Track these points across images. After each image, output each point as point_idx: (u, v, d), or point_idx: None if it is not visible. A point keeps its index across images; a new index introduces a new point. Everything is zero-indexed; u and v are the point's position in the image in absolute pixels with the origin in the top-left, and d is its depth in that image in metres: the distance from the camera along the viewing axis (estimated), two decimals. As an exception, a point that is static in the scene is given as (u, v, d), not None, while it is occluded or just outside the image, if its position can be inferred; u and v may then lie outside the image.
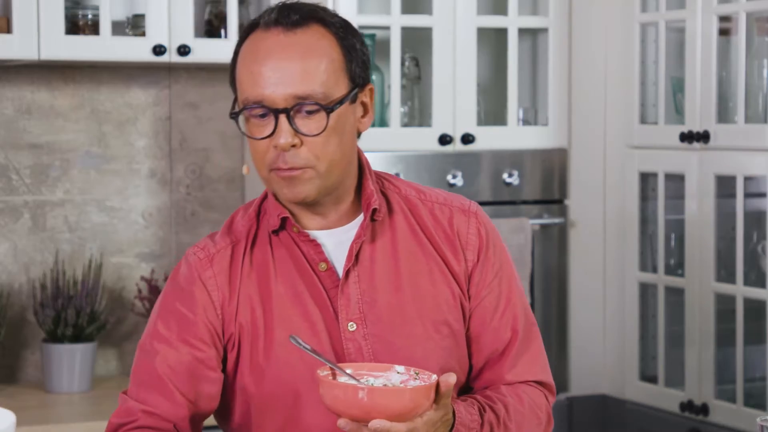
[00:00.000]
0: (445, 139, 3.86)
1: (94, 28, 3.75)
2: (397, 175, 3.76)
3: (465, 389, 2.21)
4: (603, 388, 4.09)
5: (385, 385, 1.92)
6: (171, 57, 3.75)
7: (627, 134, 3.95)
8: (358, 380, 1.93)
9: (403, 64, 3.88)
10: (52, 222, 3.99)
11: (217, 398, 2.14)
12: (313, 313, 2.09)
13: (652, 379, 3.91)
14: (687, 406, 3.69)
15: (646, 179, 3.94)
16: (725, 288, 3.63)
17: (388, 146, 3.81)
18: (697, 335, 3.68)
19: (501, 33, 3.99)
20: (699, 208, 3.68)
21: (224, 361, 2.14)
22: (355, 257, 2.10)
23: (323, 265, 2.10)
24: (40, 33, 3.62)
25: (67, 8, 3.68)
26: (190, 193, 4.14)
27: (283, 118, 2.01)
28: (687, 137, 3.68)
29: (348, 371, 1.96)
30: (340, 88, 2.05)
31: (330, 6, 3.69)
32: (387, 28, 3.83)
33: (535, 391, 2.18)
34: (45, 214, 3.98)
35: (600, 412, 4.07)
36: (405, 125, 3.91)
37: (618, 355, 4.02)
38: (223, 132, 4.17)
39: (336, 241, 2.13)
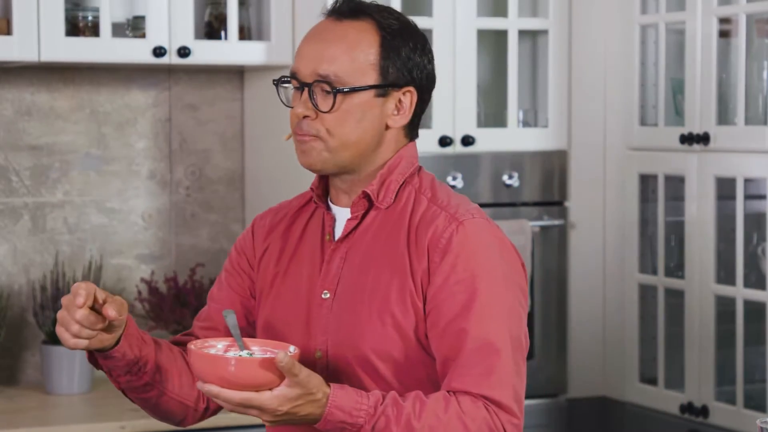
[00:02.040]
0: (445, 141, 3.86)
1: (94, 30, 3.75)
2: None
3: (423, 384, 2.22)
4: (602, 390, 4.08)
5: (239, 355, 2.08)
6: (171, 58, 3.75)
7: (627, 136, 3.95)
8: (244, 351, 2.13)
9: (403, 65, 3.88)
10: (51, 223, 3.99)
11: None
12: (307, 276, 2.31)
13: (651, 381, 3.91)
14: (687, 408, 3.69)
15: (646, 181, 3.93)
16: (725, 290, 3.63)
17: (388, 148, 3.80)
18: (697, 337, 3.68)
19: (501, 35, 3.99)
20: (699, 209, 3.68)
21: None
22: (348, 233, 2.29)
23: (329, 236, 2.31)
24: (40, 34, 3.62)
25: (67, 10, 3.68)
26: (190, 194, 4.14)
27: (305, 91, 2.24)
28: (687, 139, 3.68)
29: (254, 348, 2.15)
30: (365, 79, 2.24)
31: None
32: (387, 29, 3.82)
33: (474, 404, 2.15)
34: (45, 216, 3.98)
35: (599, 414, 4.07)
36: (405, 127, 3.91)
37: (618, 357, 4.02)
38: (222, 133, 4.17)
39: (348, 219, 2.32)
